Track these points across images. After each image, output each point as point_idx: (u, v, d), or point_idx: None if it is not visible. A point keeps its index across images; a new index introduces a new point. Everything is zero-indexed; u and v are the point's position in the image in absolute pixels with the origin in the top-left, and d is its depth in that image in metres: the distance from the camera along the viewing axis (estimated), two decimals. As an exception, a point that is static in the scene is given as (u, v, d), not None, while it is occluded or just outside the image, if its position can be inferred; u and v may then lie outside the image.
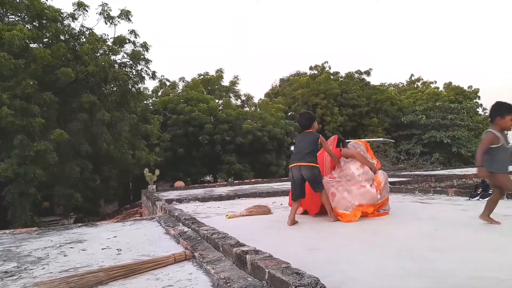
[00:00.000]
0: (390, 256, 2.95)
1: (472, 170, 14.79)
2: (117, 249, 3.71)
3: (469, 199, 6.18)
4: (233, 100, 27.19)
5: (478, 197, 6.07)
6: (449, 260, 2.78)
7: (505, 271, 2.43)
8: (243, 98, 28.19)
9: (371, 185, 4.85)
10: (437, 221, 4.34)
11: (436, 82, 36.95)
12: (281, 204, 6.83)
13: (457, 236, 3.58)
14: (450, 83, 35.25)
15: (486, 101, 40.35)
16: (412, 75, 39.16)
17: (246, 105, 28.13)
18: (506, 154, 3.96)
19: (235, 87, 27.49)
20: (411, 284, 2.25)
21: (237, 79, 27.31)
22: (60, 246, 4.04)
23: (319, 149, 5.04)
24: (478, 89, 34.15)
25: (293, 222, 4.73)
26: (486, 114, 34.65)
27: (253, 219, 5.24)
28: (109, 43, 16.33)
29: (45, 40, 14.86)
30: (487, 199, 5.90)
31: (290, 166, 4.92)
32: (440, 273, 2.45)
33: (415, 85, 37.93)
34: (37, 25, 14.65)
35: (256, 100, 29.20)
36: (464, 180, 11.10)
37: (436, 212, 5.07)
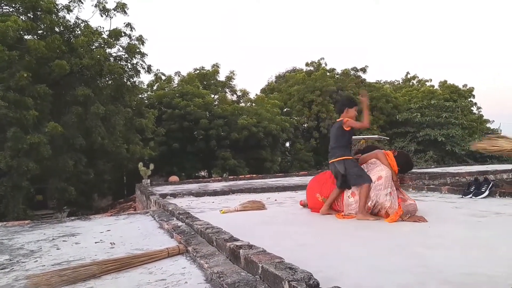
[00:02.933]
0: (382, 252, 2.97)
1: (466, 168, 14.91)
2: (111, 243, 3.70)
3: (462, 197, 6.23)
4: (228, 95, 27.16)
5: (471, 195, 6.11)
6: (440, 256, 2.80)
7: (495, 268, 2.45)
8: (239, 93, 28.16)
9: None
10: (430, 218, 4.36)
11: (431, 80, 37.07)
12: (276, 200, 6.85)
13: (449, 233, 3.61)
14: (445, 81, 35.38)
15: (481, 100, 40.62)
16: (407, 73, 39.24)
17: (241, 101, 28.10)
18: None
19: (231, 82, 27.46)
20: (402, 280, 2.27)
21: (233, 74, 27.27)
22: (53, 239, 4.02)
23: (348, 135, 4.72)
24: (473, 87, 34.34)
25: (327, 212, 4.79)
26: (481, 112, 34.94)
27: (247, 214, 5.25)
28: (105, 36, 16.24)
29: (39, 31, 14.73)
30: (479, 197, 5.98)
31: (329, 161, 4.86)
32: (431, 269, 2.47)
33: (411, 83, 38.02)
34: (31, 16, 14.52)
35: (252, 96, 29.19)
36: (457, 178, 11.17)
37: (429, 209, 5.10)
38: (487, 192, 6.00)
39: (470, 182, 6.72)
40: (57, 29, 15.07)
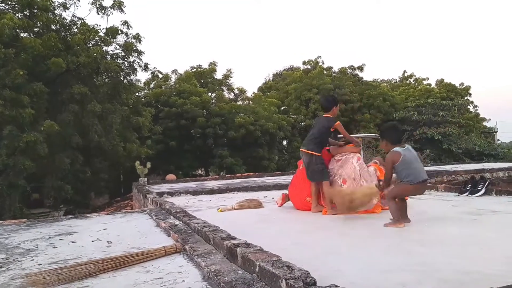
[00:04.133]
0: (379, 250, 2.98)
1: (462, 167, 14.96)
2: (107, 242, 3.69)
3: (458, 195, 6.25)
4: (226, 93, 27.10)
5: (467, 193, 6.14)
6: (437, 254, 2.81)
7: (491, 266, 2.46)
8: (236, 91, 28.10)
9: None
10: (427, 216, 4.38)
11: (428, 78, 37.10)
12: (273, 198, 6.85)
13: (446, 231, 3.62)
14: (442, 80, 35.46)
15: (478, 99, 40.74)
16: (405, 71, 39.23)
17: (239, 99, 28.06)
18: None
19: (228, 80, 27.39)
20: (398, 278, 2.27)
21: (230, 72, 27.20)
22: (50, 238, 4.01)
23: (329, 134, 5.02)
24: (470, 86, 34.45)
25: (319, 209, 4.85)
26: (477, 111, 35.06)
27: (245, 213, 5.25)
28: (101, 33, 16.14)
29: (35, 29, 14.64)
30: (476, 195, 6.00)
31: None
32: (427, 268, 2.48)
33: (408, 82, 38.05)
34: (27, 14, 14.41)
35: (249, 94, 29.15)
36: (454, 176, 11.21)
37: (425, 207, 5.12)
38: (483, 190, 6.03)
39: (467, 181, 6.75)
40: (53, 27, 14.97)
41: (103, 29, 16.24)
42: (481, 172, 10.84)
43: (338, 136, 5.36)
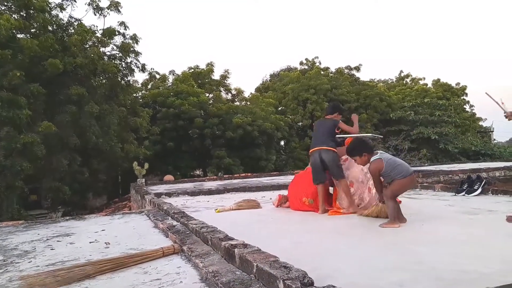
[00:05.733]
0: (376, 250, 3.00)
1: (459, 166, 15.01)
2: (105, 243, 3.70)
3: (455, 195, 6.28)
4: (223, 94, 27.09)
5: (464, 193, 6.16)
6: (433, 253, 2.83)
7: (488, 265, 2.48)
8: (233, 92, 28.11)
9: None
10: (423, 215, 4.40)
11: (424, 78, 37.18)
12: (270, 199, 6.85)
13: (442, 231, 3.64)
14: (439, 79, 35.54)
15: (474, 98, 40.87)
16: (401, 71, 39.30)
17: (236, 100, 28.06)
18: None
19: (225, 81, 27.39)
20: (396, 277, 2.29)
21: (228, 73, 27.21)
22: (47, 239, 4.01)
23: (336, 134, 4.99)
24: (466, 86, 34.52)
25: (325, 211, 4.84)
26: (473, 111, 35.16)
27: (242, 213, 5.26)
28: (98, 34, 16.15)
29: (32, 30, 14.61)
30: (472, 194, 6.03)
31: (310, 151, 4.99)
32: (424, 266, 2.50)
33: (404, 82, 38.13)
34: (24, 15, 14.39)
35: (246, 95, 29.16)
36: (450, 176, 11.25)
37: (422, 206, 5.15)
38: (479, 190, 6.06)
39: (463, 180, 6.77)
40: (50, 28, 14.95)
41: (100, 30, 16.25)
42: (478, 172, 10.88)
43: (337, 136, 5.31)
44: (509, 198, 5.72)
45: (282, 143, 27.71)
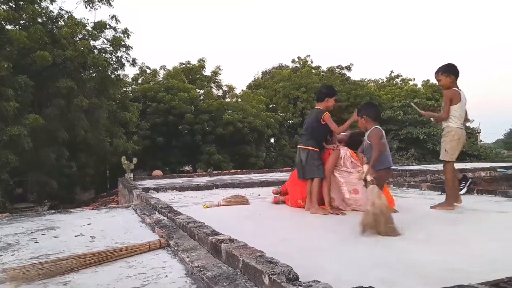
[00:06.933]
0: (363, 247, 3.01)
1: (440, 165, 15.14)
2: (91, 236, 3.66)
3: (441, 194, 6.33)
4: (214, 90, 27.05)
5: (463, 191, 6.21)
6: (419, 251, 2.85)
7: (473, 263, 2.51)
8: (224, 88, 28.09)
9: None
10: (410, 214, 4.43)
11: (414, 79, 37.56)
12: (259, 195, 6.86)
13: (428, 229, 3.68)
14: (428, 80, 35.85)
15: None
16: (391, 71, 39.65)
17: (227, 96, 28.01)
18: None
19: (217, 77, 27.34)
20: (381, 274, 2.30)
21: (219, 69, 27.15)
22: (32, 232, 3.95)
23: (323, 128, 4.68)
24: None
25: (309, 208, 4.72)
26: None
27: (230, 209, 5.25)
28: (89, 27, 15.97)
29: (21, 22, 14.40)
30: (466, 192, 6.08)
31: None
32: (410, 264, 2.52)
33: (394, 82, 38.45)
34: (13, 6, 14.16)
35: (237, 92, 29.12)
36: (437, 175, 11.36)
37: (409, 205, 5.19)
38: (465, 189, 6.12)
39: (459, 179, 6.83)
40: (39, 20, 14.75)
41: (90, 23, 16.08)
42: (464, 172, 11.00)
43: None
44: (493, 197, 5.81)
45: (272, 140, 27.75)
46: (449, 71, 4.55)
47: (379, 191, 3.63)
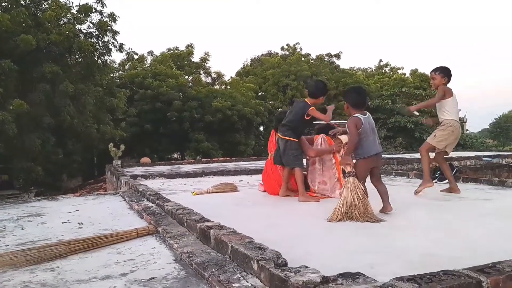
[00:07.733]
0: (349, 234, 3.05)
1: (432, 155, 15.37)
2: (78, 223, 3.64)
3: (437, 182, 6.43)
4: (203, 77, 26.81)
5: (436, 180, 6.32)
6: (403, 238, 2.90)
7: (456, 249, 2.56)
8: (213, 75, 27.87)
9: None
10: (397, 201, 4.49)
11: (403, 68, 37.72)
12: (248, 183, 6.89)
13: (414, 216, 3.74)
14: (416, 69, 36.06)
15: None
16: (380, 60, 39.75)
17: (216, 83, 27.82)
18: None
19: (205, 64, 27.08)
20: (367, 260, 2.34)
21: (208, 55, 26.88)
22: (18, 219, 3.91)
23: (306, 122, 4.76)
24: (442, 77, 35.13)
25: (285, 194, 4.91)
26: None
27: (219, 196, 5.26)
28: (74, 11, 15.61)
29: (4, 4, 14.01)
30: (444, 182, 6.19)
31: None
32: (394, 250, 2.56)
33: (383, 71, 38.59)
34: (-6, -13, 13.77)
35: (226, 79, 28.92)
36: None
37: (396, 193, 5.25)
38: (436, 180, 6.25)
39: (436, 168, 6.94)
40: (22, 2, 14.36)
41: (75, 6, 15.71)
42: (450, 160, 11.17)
43: (315, 122, 5.18)
44: (478, 185, 5.93)
45: (261, 128, 27.75)
46: (445, 73, 4.89)
47: (355, 183, 3.58)
